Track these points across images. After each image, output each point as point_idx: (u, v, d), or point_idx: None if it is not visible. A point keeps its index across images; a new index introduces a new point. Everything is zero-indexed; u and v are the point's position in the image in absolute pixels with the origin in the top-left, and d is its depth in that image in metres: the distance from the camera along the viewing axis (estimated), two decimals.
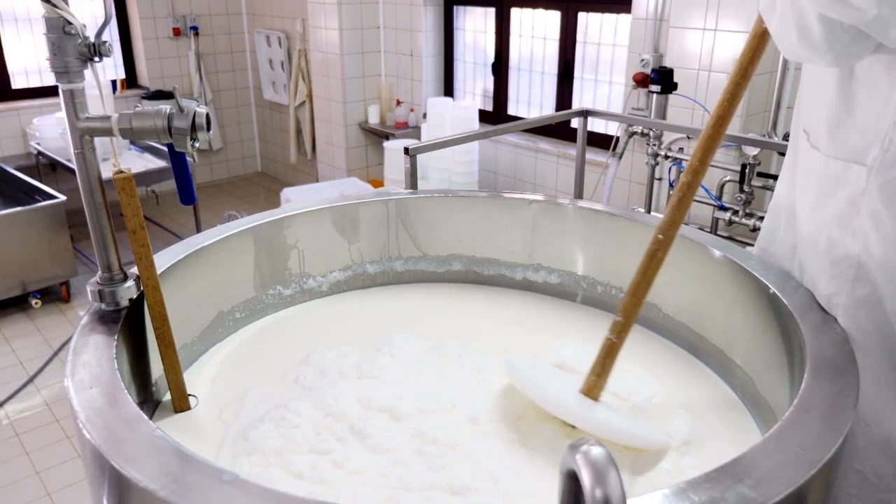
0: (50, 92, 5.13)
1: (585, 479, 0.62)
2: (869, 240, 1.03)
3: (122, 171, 1.05)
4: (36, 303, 3.96)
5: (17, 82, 5.14)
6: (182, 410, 1.19)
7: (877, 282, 1.04)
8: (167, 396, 1.22)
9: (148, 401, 1.19)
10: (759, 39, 1.08)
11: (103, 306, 1.10)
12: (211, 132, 1.03)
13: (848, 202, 1.04)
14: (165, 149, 4.46)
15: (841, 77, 1.04)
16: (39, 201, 3.93)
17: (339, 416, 1.19)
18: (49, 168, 4.83)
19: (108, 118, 1.01)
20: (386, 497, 1.03)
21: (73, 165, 1.08)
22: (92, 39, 1.00)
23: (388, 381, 1.30)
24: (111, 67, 5.54)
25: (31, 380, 3.34)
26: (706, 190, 3.12)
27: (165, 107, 1.01)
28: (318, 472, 1.07)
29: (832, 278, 1.10)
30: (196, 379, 1.33)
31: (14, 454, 2.85)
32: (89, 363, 0.97)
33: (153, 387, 1.20)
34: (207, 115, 1.02)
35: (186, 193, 1.10)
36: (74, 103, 1.01)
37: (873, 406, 1.06)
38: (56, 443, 2.92)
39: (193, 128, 1.01)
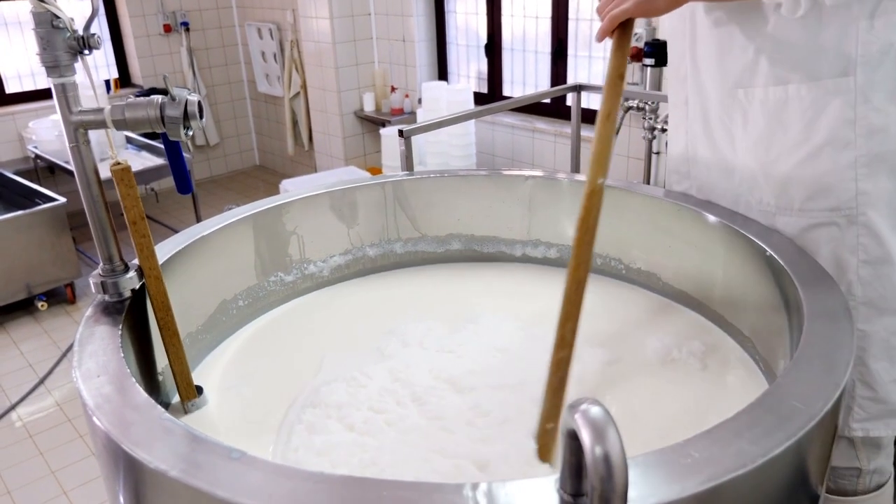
0: (44, 95, 5.13)
1: (585, 437, 0.63)
2: (876, 132, 1.15)
3: (119, 163, 1.06)
4: (42, 305, 3.98)
5: (11, 87, 5.15)
6: (189, 399, 1.21)
7: (889, 166, 1.17)
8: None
9: (155, 391, 1.21)
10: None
11: (107, 298, 1.11)
12: (204, 120, 1.04)
13: (843, 108, 1.16)
14: (163, 146, 4.46)
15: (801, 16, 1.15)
16: (39, 204, 3.94)
17: (406, 383, 1.25)
18: (48, 171, 4.85)
19: (101, 110, 1.02)
20: (420, 457, 1.07)
21: (71, 167, 1.09)
22: (80, 32, 1.01)
23: (465, 357, 1.34)
24: (104, 67, 5.54)
25: (41, 381, 3.36)
26: None
27: (157, 97, 1.02)
28: (369, 425, 1.13)
29: (849, 181, 1.19)
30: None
31: (29, 455, 2.88)
32: (96, 353, 0.98)
33: (160, 375, 1.21)
34: (199, 103, 1.03)
35: (183, 183, 1.11)
36: (67, 97, 1.02)
37: None
38: (69, 442, 2.94)
39: (186, 116, 1.01)
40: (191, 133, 1.02)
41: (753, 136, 1.29)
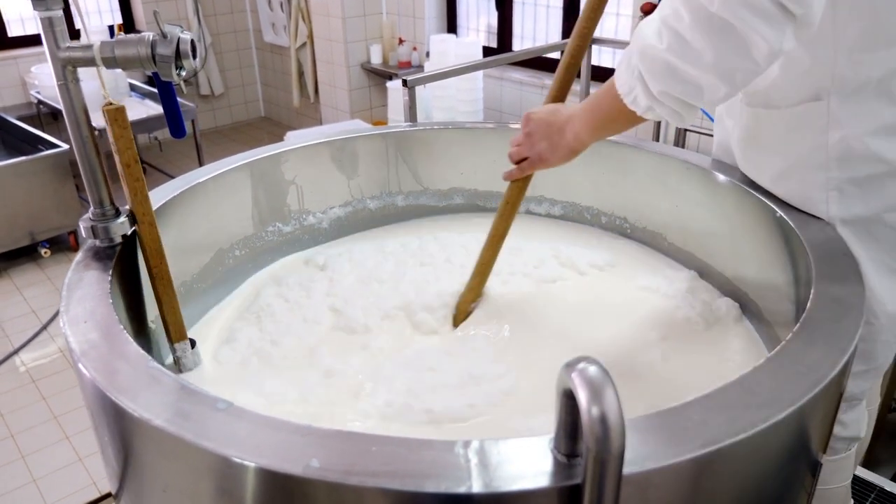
0: None
1: (582, 397, 0.61)
2: (843, 159, 1.11)
3: (111, 103, 1.03)
4: (45, 252, 3.97)
5: (13, 30, 5.06)
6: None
7: (862, 191, 1.12)
8: None
9: (145, 340, 1.19)
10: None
11: (97, 242, 1.09)
12: (197, 60, 1.00)
13: (817, 134, 1.11)
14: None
15: None
16: (42, 151, 3.90)
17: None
18: (51, 117, 4.79)
19: (89, 47, 0.98)
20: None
21: None
22: None
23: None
24: (107, 13, 5.43)
25: (44, 327, 3.37)
26: (710, 117, 3.05)
27: (148, 34, 0.98)
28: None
29: (819, 203, 1.15)
30: None
31: (31, 400, 2.90)
32: (84, 298, 0.96)
33: (151, 324, 1.19)
34: (193, 42, 0.98)
35: (176, 125, 1.08)
36: (54, 32, 0.98)
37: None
38: (72, 388, 2.96)
39: (178, 55, 0.97)
40: (183, 73, 0.98)
41: (739, 135, 1.27)
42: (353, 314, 1.31)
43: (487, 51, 4.44)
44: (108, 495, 2.42)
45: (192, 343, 1.21)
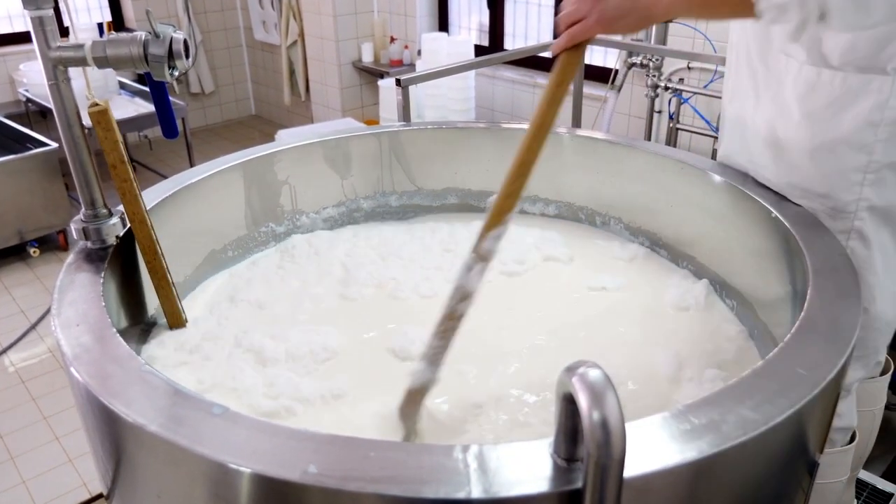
0: None
1: (582, 401, 0.61)
2: (891, 141, 1.08)
3: (97, 104, 1.01)
4: (34, 252, 3.93)
5: (1, 27, 5.01)
6: None
7: None
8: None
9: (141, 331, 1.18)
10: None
11: (89, 244, 1.08)
12: (190, 59, 0.99)
13: (871, 110, 1.08)
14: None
15: None
16: (31, 149, 3.86)
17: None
18: (39, 115, 4.74)
19: (81, 46, 0.97)
20: None
21: None
22: None
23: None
24: (97, 10, 5.39)
25: (32, 327, 3.34)
26: (706, 121, 3.06)
27: (141, 33, 0.96)
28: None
29: (854, 185, 1.13)
30: None
31: (21, 401, 2.87)
32: (76, 301, 0.95)
33: (149, 321, 1.18)
34: (185, 42, 0.97)
35: (169, 126, 1.06)
36: (45, 31, 0.96)
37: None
38: (62, 389, 2.93)
39: (171, 55, 0.96)
40: (176, 73, 0.97)
41: (779, 106, 1.20)
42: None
43: (479, 49, 4.43)
44: (99, 496, 2.40)
45: None
